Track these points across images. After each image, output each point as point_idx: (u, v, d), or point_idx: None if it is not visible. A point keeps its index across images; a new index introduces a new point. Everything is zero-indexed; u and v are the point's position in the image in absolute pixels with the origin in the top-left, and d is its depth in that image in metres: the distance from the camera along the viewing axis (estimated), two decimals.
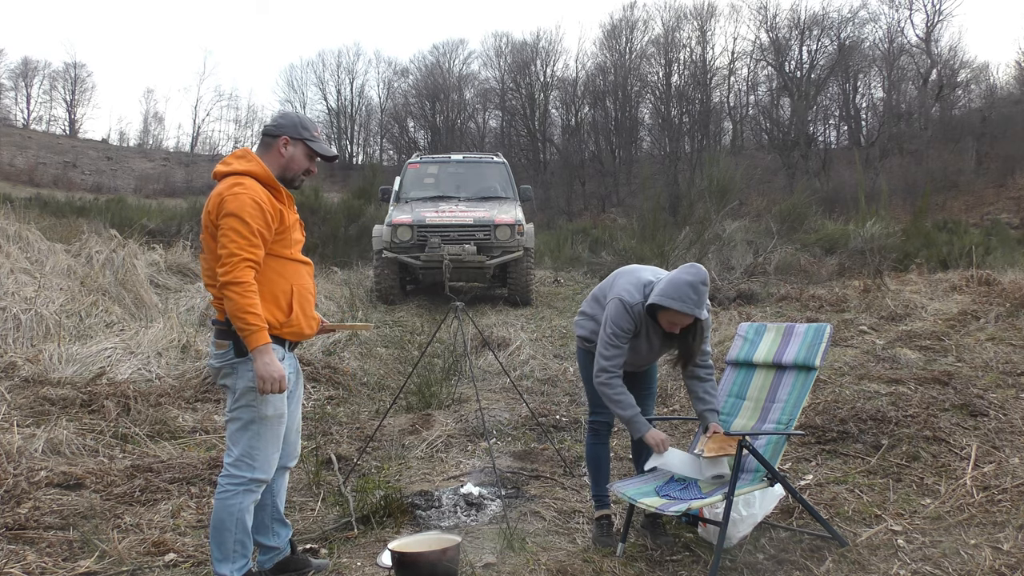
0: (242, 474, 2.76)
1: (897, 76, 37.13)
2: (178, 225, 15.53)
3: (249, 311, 2.62)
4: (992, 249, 13.68)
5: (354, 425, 5.43)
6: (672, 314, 3.21)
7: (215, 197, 2.72)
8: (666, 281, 3.24)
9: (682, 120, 39.59)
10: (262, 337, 2.64)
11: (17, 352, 6.13)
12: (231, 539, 2.76)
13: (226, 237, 2.65)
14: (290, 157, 2.89)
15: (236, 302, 2.61)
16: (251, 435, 2.77)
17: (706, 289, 3.21)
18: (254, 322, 2.63)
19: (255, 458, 2.77)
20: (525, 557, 3.27)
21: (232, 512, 2.75)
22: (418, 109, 45.43)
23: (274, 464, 2.84)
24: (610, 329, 3.31)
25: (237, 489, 2.75)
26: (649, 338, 3.39)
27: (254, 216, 2.67)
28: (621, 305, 3.30)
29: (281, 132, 2.89)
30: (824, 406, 4.91)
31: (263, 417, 2.77)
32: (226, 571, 2.76)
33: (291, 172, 2.91)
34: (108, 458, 4.42)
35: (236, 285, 2.61)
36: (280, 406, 2.81)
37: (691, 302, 3.15)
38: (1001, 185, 30.12)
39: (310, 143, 2.91)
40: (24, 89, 47.70)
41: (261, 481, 2.80)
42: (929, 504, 3.68)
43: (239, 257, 2.63)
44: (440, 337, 6.20)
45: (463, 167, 12.42)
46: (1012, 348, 6.23)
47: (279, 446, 2.87)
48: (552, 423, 5.36)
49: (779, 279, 11.59)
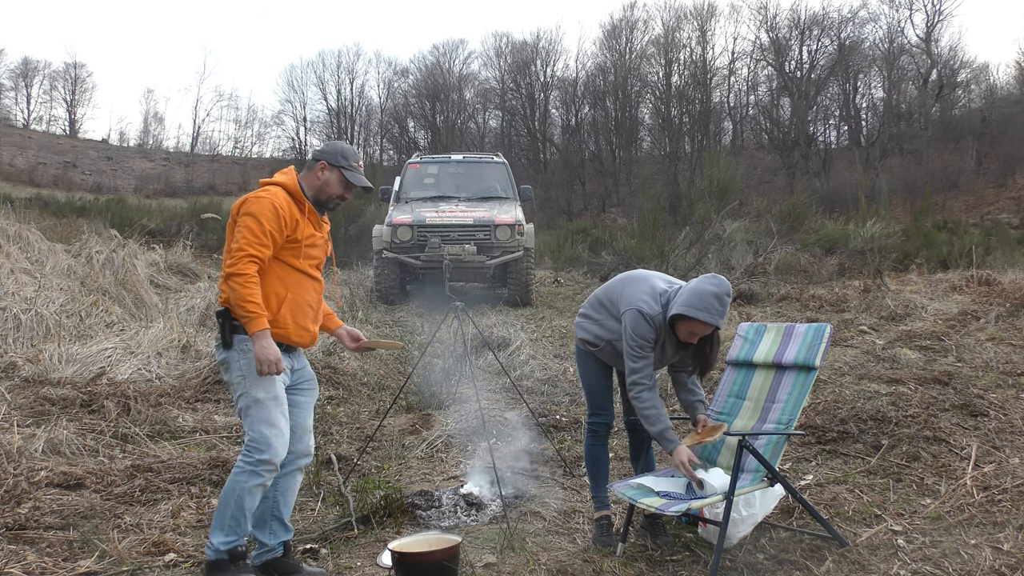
0: (250, 455, 2.91)
1: (897, 76, 37.13)
2: (178, 225, 15.53)
3: (248, 299, 2.83)
4: (992, 249, 13.68)
5: (354, 425, 5.43)
6: (695, 324, 3.19)
7: (243, 197, 3.01)
8: (689, 291, 3.21)
9: (682, 120, 39.59)
10: (260, 323, 2.85)
11: (17, 352, 6.13)
12: (228, 513, 2.91)
13: (239, 233, 2.89)
14: (325, 181, 3.11)
15: (237, 291, 2.83)
16: (252, 419, 2.92)
17: (729, 300, 3.22)
18: (253, 309, 2.83)
19: (258, 441, 2.90)
20: (525, 557, 3.27)
21: (234, 488, 2.90)
22: (418, 109, 45.41)
23: (281, 447, 2.94)
24: (634, 341, 3.27)
25: (244, 467, 2.91)
26: (664, 347, 3.37)
27: (269, 219, 2.90)
28: (640, 316, 3.26)
29: (321, 157, 3.12)
30: (824, 406, 4.91)
31: (257, 400, 2.92)
32: (215, 540, 2.92)
33: (325, 195, 3.13)
34: (108, 458, 4.42)
35: (238, 276, 2.83)
36: (272, 388, 2.94)
37: (716, 313, 3.15)
38: (1001, 185, 30.12)
39: (345, 171, 3.12)
40: (24, 89, 47.72)
41: (268, 463, 2.91)
42: (929, 504, 3.68)
43: (244, 252, 2.85)
44: (440, 337, 6.20)
45: (463, 167, 12.42)
46: (1012, 348, 6.24)
47: (283, 429, 2.96)
48: (552, 423, 5.36)
49: (779, 279, 11.60)
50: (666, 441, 3.24)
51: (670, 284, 3.42)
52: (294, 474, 3.16)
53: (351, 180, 3.12)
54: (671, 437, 3.24)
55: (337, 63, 47.15)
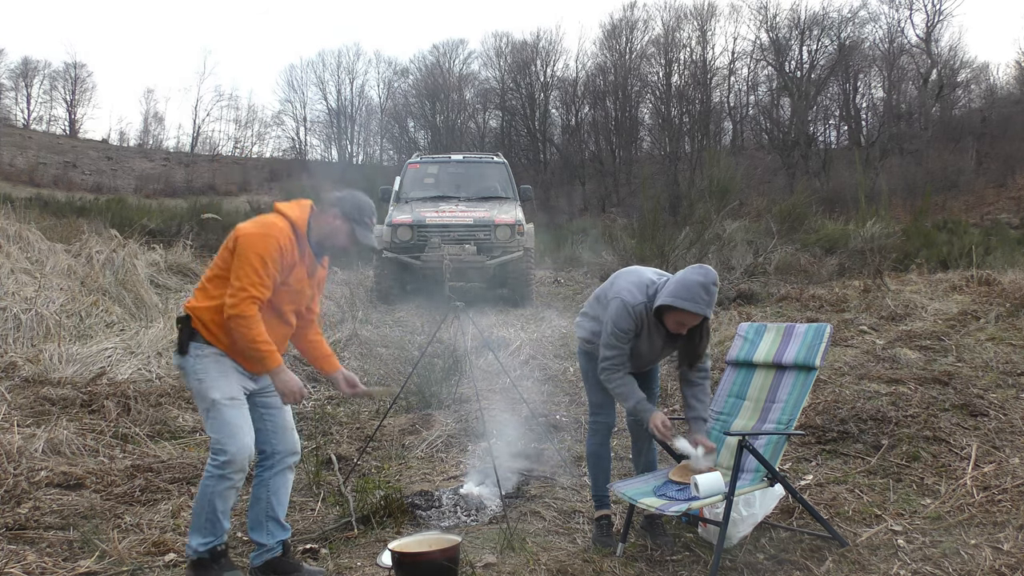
0: (215, 458, 2.91)
1: (897, 76, 37.10)
2: (178, 225, 15.50)
3: (257, 340, 2.86)
4: (992, 249, 13.67)
5: (354, 425, 5.43)
6: (682, 315, 3.18)
7: (252, 224, 2.98)
8: (675, 282, 3.21)
9: (682, 120, 39.57)
10: (274, 359, 2.91)
11: (17, 352, 6.13)
12: (203, 516, 2.94)
13: (242, 270, 2.87)
14: (334, 229, 3.10)
15: (243, 335, 2.85)
16: (212, 422, 2.93)
17: (716, 289, 3.19)
18: (264, 349, 2.88)
19: (221, 442, 2.90)
20: (525, 557, 3.27)
21: (205, 493, 2.93)
22: (418, 109, 45.36)
23: (241, 448, 2.91)
24: (610, 329, 3.30)
25: (211, 471, 2.92)
26: (651, 338, 3.35)
27: (274, 260, 2.90)
28: (622, 305, 3.28)
29: (339, 205, 3.10)
30: (824, 406, 4.91)
31: (214, 403, 2.91)
32: (193, 542, 2.95)
33: (329, 242, 3.12)
34: (108, 458, 4.42)
35: (241, 319, 2.84)
36: (228, 390, 2.94)
37: (703, 302, 3.13)
38: (1001, 185, 30.11)
39: (356, 226, 3.10)
40: (24, 89, 47.63)
41: (231, 464, 2.89)
42: (929, 504, 3.68)
43: (247, 293, 2.85)
44: (440, 337, 6.19)
45: (463, 167, 12.41)
46: (1012, 348, 6.23)
47: (245, 430, 2.95)
48: (552, 423, 5.36)
49: (779, 279, 11.58)
50: (642, 411, 3.31)
51: (660, 276, 3.42)
52: (284, 473, 3.16)
53: (358, 237, 3.10)
54: (646, 407, 3.31)
55: (337, 63, 47.15)
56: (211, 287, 2.97)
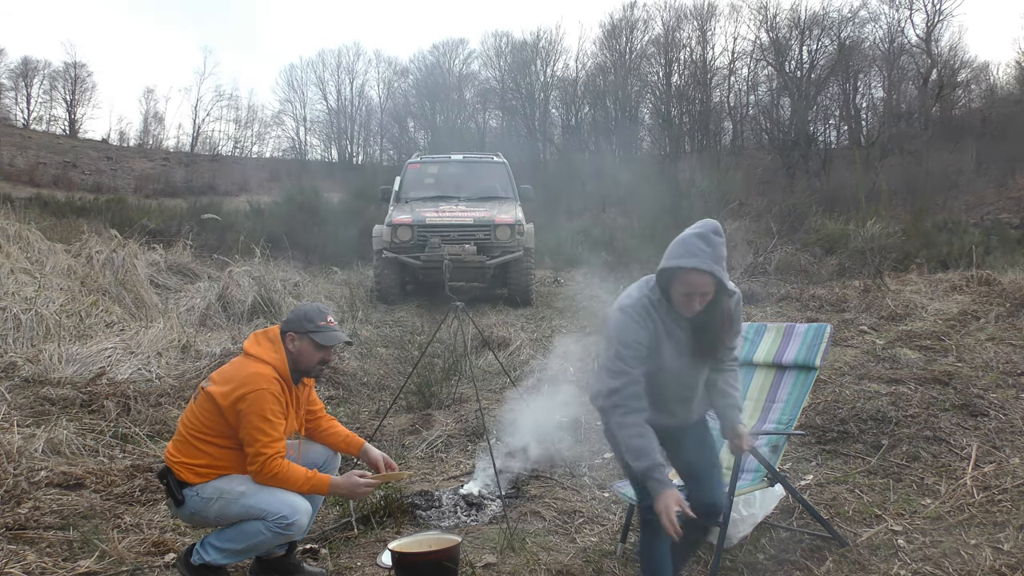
0: (278, 521, 2.84)
1: (897, 76, 37.11)
2: (178, 225, 15.48)
3: (305, 481, 2.86)
4: (992, 249, 13.69)
5: (354, 425, 5.43)
6: (685, 277, 2.52)
7: (240, 386, 2.82)
8: (671, 244, 2.62)
9: (682, 120, 39.60)
10: (322, 482, 2.90)
11: (17, 352, 6.12)
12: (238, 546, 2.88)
13: (250, 435, 2.81)
14: (298, 351, 2.97)
15: (289, 485, 2.85)
16: (255, 501, 2.83)
17: (721, 241, 2.55)
18: (314, 483, 2.89)
19: (279, 511, 2.82)
20: (525, 557, 3.27)
21: (254, 536, 2.87)
22: (418, 109, 45.39)
23: (302, 512, 2.88)
24: (615, 349, 2.58)
25: (272, 528, 2.84)
26: (670, 337, 2.64)
27: (276, 412, 2.84)
28: (621, 314, 2.61)
29: (287, 328, 2.99)
30: (824, 406, 4.91)
31: (243, 493, 2.84)
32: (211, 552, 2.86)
33: (304, 365, 3.00)
34: (108, 458, 4.42)
35: (275, 477, 2.82)
36: (245, 480, 2.87)
37: (705, 255, 2.50)
38: (1001, 185, 30.10)
39: (314, 335, 2.96)
40: (24, 89, 47.61)
41: (295, 527, 2.87)
42: (929, 504, 3.68)
43: (265, 456, 2.81)
44: (440, 337, 6.19)
45: (463, 167, 12.40)
46: (1012, 348, 6.23)
47: (292, 494, 2.89)
48: (552, 423, 5.35)
49: (779, 279, 11.58)
50: (654, 482, 2.48)
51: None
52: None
53: (322, 342, 2.96)
54: (660, 477, 2.48)
55: (337, 63, 47.20)
56: (201, 446, 2.87)
